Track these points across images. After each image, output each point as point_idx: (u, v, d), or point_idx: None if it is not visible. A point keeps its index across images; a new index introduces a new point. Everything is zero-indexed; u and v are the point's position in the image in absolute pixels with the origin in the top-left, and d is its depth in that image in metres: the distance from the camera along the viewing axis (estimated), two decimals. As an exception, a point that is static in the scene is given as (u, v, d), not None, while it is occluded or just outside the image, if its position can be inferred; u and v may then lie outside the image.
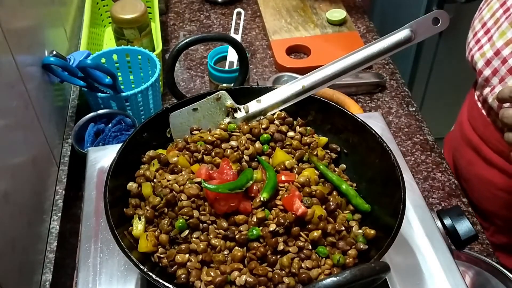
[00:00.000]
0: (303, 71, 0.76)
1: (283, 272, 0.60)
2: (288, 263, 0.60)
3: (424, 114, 1.19)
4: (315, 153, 0.72)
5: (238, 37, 1.23)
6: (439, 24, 0.69)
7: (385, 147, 0.68)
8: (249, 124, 0.75)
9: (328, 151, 0.75)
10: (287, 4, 1.46)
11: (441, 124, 1.99)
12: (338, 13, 1.38)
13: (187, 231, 0.62)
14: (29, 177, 0.82)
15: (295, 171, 0.69)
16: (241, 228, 0.62)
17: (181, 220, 0.62)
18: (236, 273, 0.59)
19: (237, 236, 0.61)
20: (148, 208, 0.65)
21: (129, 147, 0.70)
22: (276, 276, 0.59)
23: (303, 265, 0.61)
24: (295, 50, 1.33)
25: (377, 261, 0.55)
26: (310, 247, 0.62)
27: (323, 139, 0.75)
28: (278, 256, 0.60)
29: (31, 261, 0.78)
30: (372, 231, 0.65)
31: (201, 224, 0.63)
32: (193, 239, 0.62)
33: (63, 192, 0.92)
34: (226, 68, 1.11)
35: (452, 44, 1.82)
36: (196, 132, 0.75)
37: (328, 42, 1.31)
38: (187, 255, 0.61)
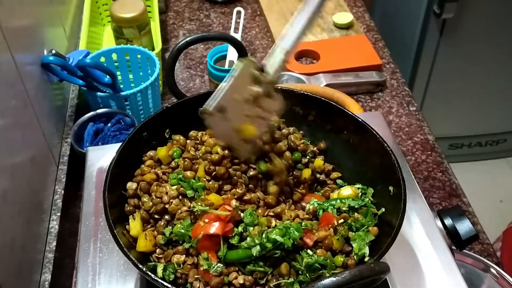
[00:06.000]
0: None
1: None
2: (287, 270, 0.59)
3: (424, 113, 1.18)
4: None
5: (238, 36, 1.23)
6: None
7: (385, 147, 0.68)
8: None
9: (315, 148, 0.75)
10: (291, 8, 1.41)
11: (442, 123, 1.99)
12: (345, 17, 1.35)
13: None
14: (28, 176, 0.81)
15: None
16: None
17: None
18: (234, 274, 0.59)
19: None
20: (142, 210, 0.65)
21: (129, 147, 0.70)
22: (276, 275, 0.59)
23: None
24: (303, 55, 1.30)
25: (377, 261, 0.55)
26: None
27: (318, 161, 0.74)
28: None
29: (30, 260, 0.78)
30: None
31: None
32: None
33: (62, 191, 0.92)
34: (226, 67, 1.11)
35: (452, 43, 1.82)
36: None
37: (337, 46, 1.29)
38: (183, 256, 0.61)
